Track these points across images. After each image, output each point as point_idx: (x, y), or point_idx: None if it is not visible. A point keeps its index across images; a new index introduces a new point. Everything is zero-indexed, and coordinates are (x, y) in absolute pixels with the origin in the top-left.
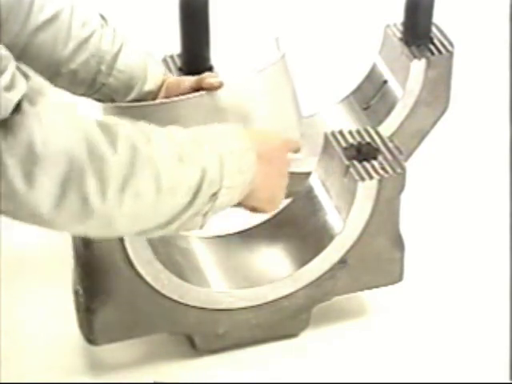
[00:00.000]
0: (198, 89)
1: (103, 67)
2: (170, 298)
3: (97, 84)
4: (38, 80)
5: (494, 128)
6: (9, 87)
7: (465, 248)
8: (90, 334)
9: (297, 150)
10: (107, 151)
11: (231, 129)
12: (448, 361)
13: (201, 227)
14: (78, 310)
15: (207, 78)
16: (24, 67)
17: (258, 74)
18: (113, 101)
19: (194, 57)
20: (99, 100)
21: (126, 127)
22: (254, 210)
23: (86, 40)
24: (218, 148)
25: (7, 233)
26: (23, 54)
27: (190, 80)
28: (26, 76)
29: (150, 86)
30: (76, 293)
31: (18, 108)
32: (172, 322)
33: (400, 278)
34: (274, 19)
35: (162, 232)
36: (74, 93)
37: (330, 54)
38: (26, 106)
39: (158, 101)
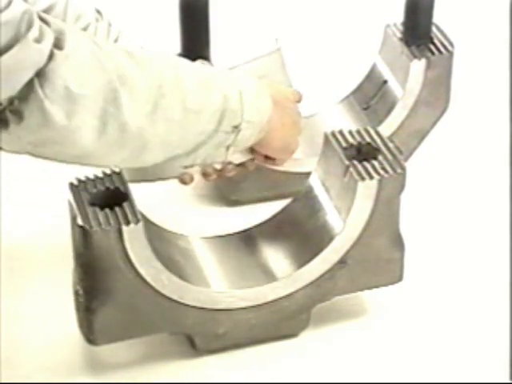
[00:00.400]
0: None
1: None
2: (169, 298)
3: None
4: (57, 22)
5: (494, 128)
6: (39, 39)
7: (465, 248)
8: (90, 334)
9: (299, 100)
10: (137, 77)
11: (248, 75)
12: (448, 361)
13: (223, 162)
14: (78, 310)
15: None
16: (42, 14)
17: (251, 62)
18: None
19: (194, 57)
20: None
21: (150, 53)
22: (266, 159)
23: None
24: (237, 84)
25: (7, 232)
26: None
27: None
28: (47, 23)
29: None
30: (76, 293)
31: (49, 55)
32: (172, 322)
33: (400, 278)
34: (274, 19)
35: (190, 161)
36: None
37: (330, 54)
38: (55, 51)
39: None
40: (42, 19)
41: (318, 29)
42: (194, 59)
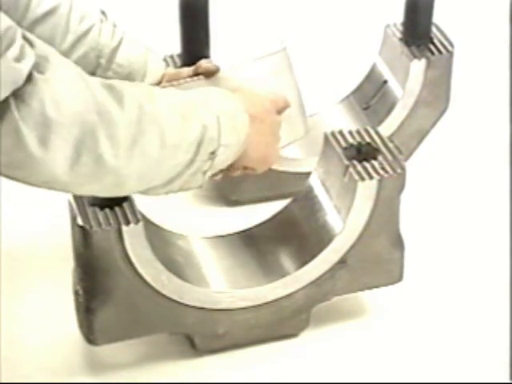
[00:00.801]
0: (196, 76)
1: (102, 61)
2: (169, 298)
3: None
4: (43, 47)
5: (494, 128)
6: (19, 58)
7: (465, 248)
8: (90, 334)
9: (284, 109)
10: (116, 111)
11: (223, 91)
12: (448, 361)
13: (200, 186)
14: (78, 310)
15: (204, 64)
16: (28, 34)
17: (257, 60)
18: None
19: (194, 57)
20: None
21: (130, 86)
22: (245, 169)
23: (85, 34)
24: (213, 108)
25: (7, 232)
26: None
27: (188, 70)
28: (31, 44)
29: (149, 80)
30: (76, 293)
31: (28, 77)
32: (172, 322)
33: (400, 278)
34: (274, 19)
35: (166, 190)
36: None
37: (330, 54)
38: (35, 74)
39: (157, 87)
40: (27, 39)
41: (318, 29)
42: (194, 59)
